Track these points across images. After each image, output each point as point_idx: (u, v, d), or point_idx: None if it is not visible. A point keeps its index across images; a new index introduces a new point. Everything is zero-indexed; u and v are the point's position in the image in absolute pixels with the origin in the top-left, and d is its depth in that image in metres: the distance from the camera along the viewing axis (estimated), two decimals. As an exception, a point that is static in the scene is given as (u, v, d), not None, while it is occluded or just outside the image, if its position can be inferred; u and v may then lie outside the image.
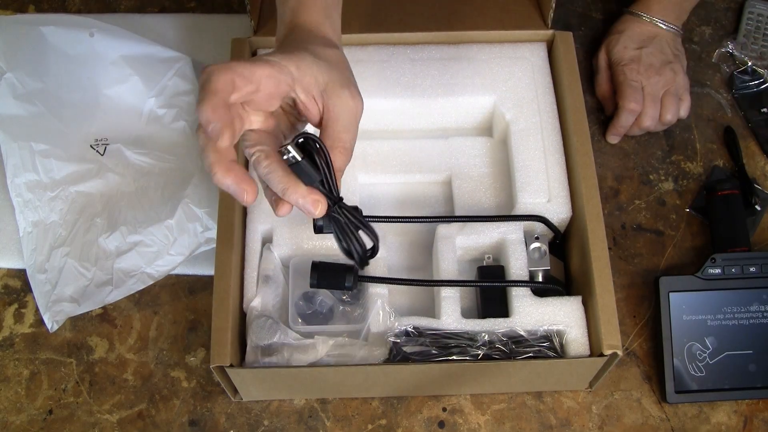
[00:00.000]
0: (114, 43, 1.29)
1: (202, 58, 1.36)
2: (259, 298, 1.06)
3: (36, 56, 1.27)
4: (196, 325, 1.17)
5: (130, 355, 1.15)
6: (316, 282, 1.02)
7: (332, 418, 1.10)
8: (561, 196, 1.11)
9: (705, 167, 1.27)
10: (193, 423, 1.11)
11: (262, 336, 1.03)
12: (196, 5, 1.45)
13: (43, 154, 1.22)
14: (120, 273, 1.16)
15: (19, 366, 1.15)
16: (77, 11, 1.45)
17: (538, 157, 1.13)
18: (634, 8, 1.31)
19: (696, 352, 1.11)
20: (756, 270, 1.13)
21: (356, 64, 1.18)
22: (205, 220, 1.19)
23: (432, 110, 1.20)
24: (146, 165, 1.24)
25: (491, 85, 1.19)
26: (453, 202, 1.15)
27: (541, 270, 1.09)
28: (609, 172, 1.27)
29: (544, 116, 1.16)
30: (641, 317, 1.17)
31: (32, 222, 1.20)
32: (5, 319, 1.18)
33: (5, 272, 1.21)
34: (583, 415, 1.11)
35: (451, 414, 1.11)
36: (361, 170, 1.17)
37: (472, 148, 1.19)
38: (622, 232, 1.23)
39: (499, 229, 1.09)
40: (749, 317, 1.12)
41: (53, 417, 1.11)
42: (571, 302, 1.05)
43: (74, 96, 1.28)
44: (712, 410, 1.12)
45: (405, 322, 1.04)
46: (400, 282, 1.06)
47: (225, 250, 1.03)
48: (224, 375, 1.00)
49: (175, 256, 1.17)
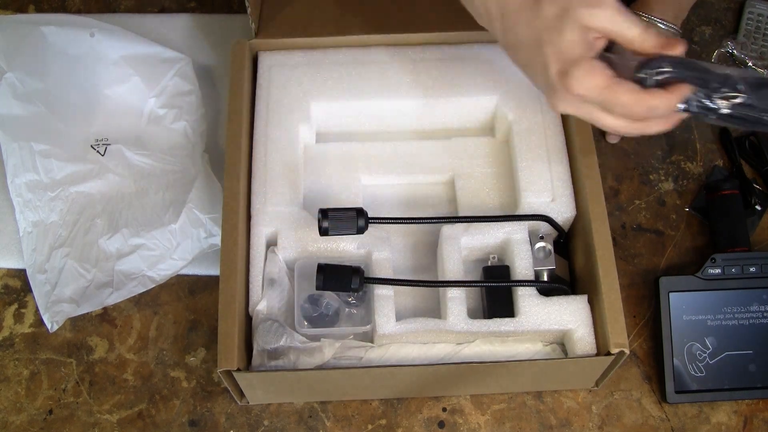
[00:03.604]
0: (114, 43, 1.28)
1: (202, 58, 1.36)
2: (264, 302, 1.05)
3: (36, 56, 1.26)
4: (197, 325, 1.17)
5: (130, 355, 1.15)
6: (321, 284, 1.02)
7: (332, 419, 1.11)
8: (565, 195, 1.11)
9: (705, 167, 1.28)
10: (193, 423, 1.11)
11: (269, 339, 1.03)
12: (196, 5, 1.44)
13: (44, 154, 1.21)
14: (120, 275, 1.16)
15: (19, 366, 1.14)
16: (77, 11, 1.44)
17: (541, 157, 1.13)
18: (633, 7, 1.31)
19: (696, 352, 1.11)
20: (756, 270, 1.13)
21: (358, 65, 1.20)
22: (209, 226, 1.18)
23: (434, 111, 1.20)
24: (147, 166, 1.24)
25: (493, 85, 1.19)
26: (456, 202, 1.15)
27: (547, 269, 1.09)
28: (609, 172, 1.27)
29: (547, 116, 1.16)
30: (641, 317, 1.17)
31: (32, 222, 1.19)
32: (5, 319, 1.17)
33: (5, 272, 1.21)
34: (583, 415, 1.11)
35: (451, 414, 1.11)
36: (365, 172, 1.17)
37: (474, 149, 1.19)
38: (622, 232, 1.23)
39: (504, 229, 1.09)
40: (749, 317, 1.12)
41: (53, 417, 1.11)
42: (577, 301, 1.05)
43: (74, 96, 1.27)
44: (712, 410, 1.12)
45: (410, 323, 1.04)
46: (405, 283, 1.06)
47: (230, 253, 1.03)
48: (231, 379, 1.00)
49: (177, 260, 1.17)
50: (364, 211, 1.03)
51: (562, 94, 0.88)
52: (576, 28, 0.85)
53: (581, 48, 0.85)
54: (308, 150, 1.19)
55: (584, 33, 0.86)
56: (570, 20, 0.85)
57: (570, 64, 0.85)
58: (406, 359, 1.05)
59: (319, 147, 1.20)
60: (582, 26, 0.85)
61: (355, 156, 1.18)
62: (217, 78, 1.36)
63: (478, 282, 1.12)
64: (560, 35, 0.86)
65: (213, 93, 1.34)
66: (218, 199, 1.18)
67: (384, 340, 1.05)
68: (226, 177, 1.08)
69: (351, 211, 1.03)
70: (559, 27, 0.86)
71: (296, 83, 1.19)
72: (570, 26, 0.85)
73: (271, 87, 1.19)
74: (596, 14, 0.85)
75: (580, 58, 0.85)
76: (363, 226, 1.03)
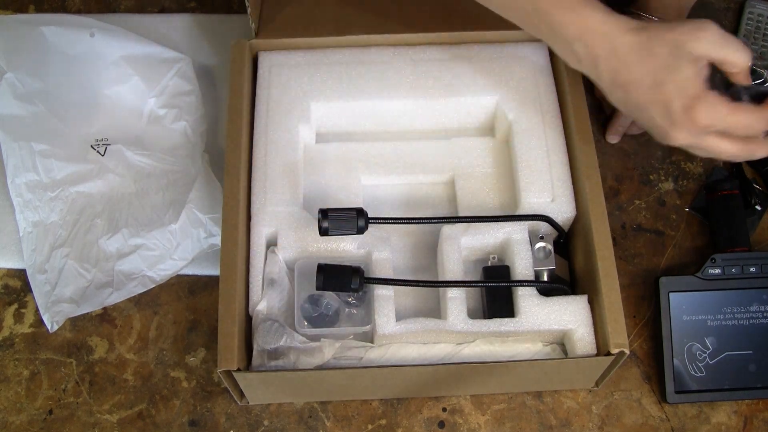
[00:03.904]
0: (114, 43, 1.28)
1: (202, 58, 1.36)
2: (264, 302, 1.05)
3: (36, 56, 1.26)
4: (196, 325, 1.17)
5: (130, 355, 1.15)
6: (321, 284, 1.02)
7: (332, 419, 1.10)
8: (565, 195, 1.11)
9: (705, 167, 1.28)
10: (193, 423, 1.11)
11: (269, 340, 1.03)
12: (196, 5, 1.44)
13: (44, 154, 1.21)
14: (121, 275, 1.16)
15: (19, 366, 1.14)
16: (77, 11, 1.44)
17: (541, 157, 1.13)
18: (633, 7, 1.31)
19: (696, 352, 1.11)
20: (756, 270, 1.13)
21: (358, 65, 1.20)
22: (209, 226, 1.18)
23: (434, 111, 1.20)
24: (147, 166, 1.24)
25: (493, 85, 1.19)
26: (456, 202, 1.16)
27: (547, 269, 1.09)
28: (609, 172, 1.27)
29: (547, 116, 1.16)
30: (641, 317, 1.17)
31: (32, 222, 1.19)
32: (5, 319, 1.17)
33: (5, 272, 1.21)
34: (583, 415, 1.11)
35: (451, 414, 1.11)
36: (365, 172, 1.17)
37: (475, 149, 1.19)
38: (622, 232, 1.23)
39: (504, 229, 1.09)
40: (749, 317, 1.12)
41: (53, 417, 1.11)
42: (577, 301, 1.05)
43: (75, 96, 1.27)
44: (712, 410, 1.12)
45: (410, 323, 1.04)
46: (405, 283, 1.06)
47: (230, 253, 1.03)
48: (231, 379, 1.00)
49: (177, 261, 1.17)
50: (364, 211, 1.03)
51: (687, 126, 0.93)
52: (690, 62, 0.91)
53: (698, 80, 0.92)
54: (308, 150, 1.19)
55: (697, 64, 0.91)
56: (683, 55, 0.91)
57: (693, 99, 0.91)
58: (406, 359, 1.05)
59: (319, 147, 1.20)
60: (694, 58, 0.91)
61: (355, 156, 1.18)
62: (217, 78, 1.36)
63: (478, 282, 1.12)
64: (678, 72, 0.91)
65: (213, 93, 1.34)
66: (218, 199, 1.18)
67: (384, 340, 1.05)
68: (226, 177, 1.08)
69: (351, 211, 1.03)
70: (675, 65, 0.91)
71: (296, 83, 1.19)
72: (685, 62, 0.91)
73: (271, 87, 1.19)
74: (702, 40, 0.91)
75: (701, 92, 0.91)
76: (363, 226, 1.04)
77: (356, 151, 1.19)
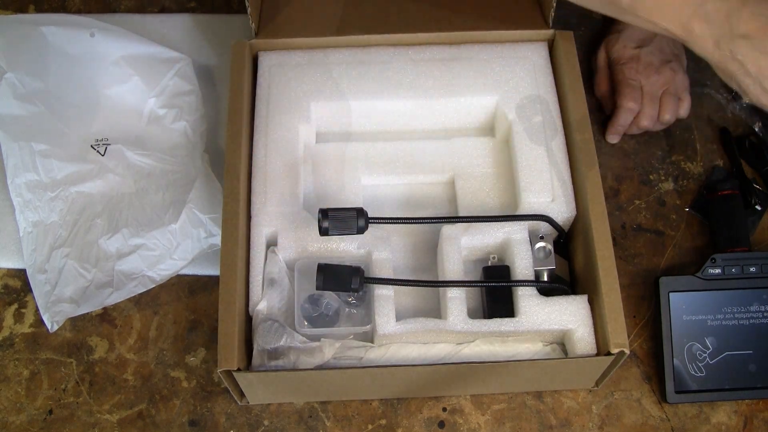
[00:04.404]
0: (114, 44, 1.28)
1: (202, 58, 1.36)
2: (264, 302, 1.05)
3: (36, 56, 1.26)
4: (196, 325, 1.17)
5: (130, 355, 1.15)
6: (321, 284, 1.02)
7: (332, 419, 1.10)
8: (565, 195, 1.11)
9: (705, 167, 1.28)
10: (193, 423, 1.11)
11: (269, 339, 1.03)
12: (196, 5, 1.44)
13: (44, 154, 1.21)
14: (121, 275, 1.16)
15: (19, 366, 1.14)
16: (77, 11, 1.44)
17: (541, 157, 1.13)
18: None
19: (696, 352, 1.11)
20: (756, 270, 1.13)
21: (358, 65, 1.20)
22: (209, 226, 1.18)
23: (434, 111, 1.21)
24: (147, 166, 1.24)
25: (493, 85, 1.19)
26: (456, 202, 1.16)
27: (547, 269, 1.09)
28: (609, 172, 1.27)
29: (547, 115, 1.16)
30: (641, 317, 1.17)
31: (32, 222, 1.19)
32: (5, 319, 1.17)
33: (5, 272, 1.21)
34: (583, 415, 1.11)
35: (451, 414, 1.11)
36: (365, 172, 1.17)
37: (474, 149, 1.19)
38: (622, 232, 1.23)
39: (504, 229, 1.10)
40: (749, 317, 1.12)
41: (53, 417, 1.11)
42: (577, 301, 1.05)
43: (75, 96, 1.27)
44: (712, 410, 1.12)
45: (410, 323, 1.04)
46: (405, 283, 1.07)
47: (230, 253, 1.03)
48: (231, 379, 1.00)
49: (177, 260, 1.17)
50: (364, 211, 1.04)
51: None
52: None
53: None
54: (308, 150, 1.19)
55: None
56: None
57: None
58: (406, 359, 1.05)
59: (319, 147, 1.20)
60: None
61: (355, 156, 1.18)
62: (217, 78, 1.36)
63: (478, 282, 1.12)
64: None
65: (213, 93, 1.34)
66: (218, 199, 1.18)
67: (384, 340, 1.05)
68: (226, 177, 1.08)
69: (351, 211, 1.03)
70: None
71: (296, 83, 1.19)
72: None
73: (271, 87, 1.19)
74: None
75: None
76: (363, 226, 1.04)
77: (356, 151, 1.19)
